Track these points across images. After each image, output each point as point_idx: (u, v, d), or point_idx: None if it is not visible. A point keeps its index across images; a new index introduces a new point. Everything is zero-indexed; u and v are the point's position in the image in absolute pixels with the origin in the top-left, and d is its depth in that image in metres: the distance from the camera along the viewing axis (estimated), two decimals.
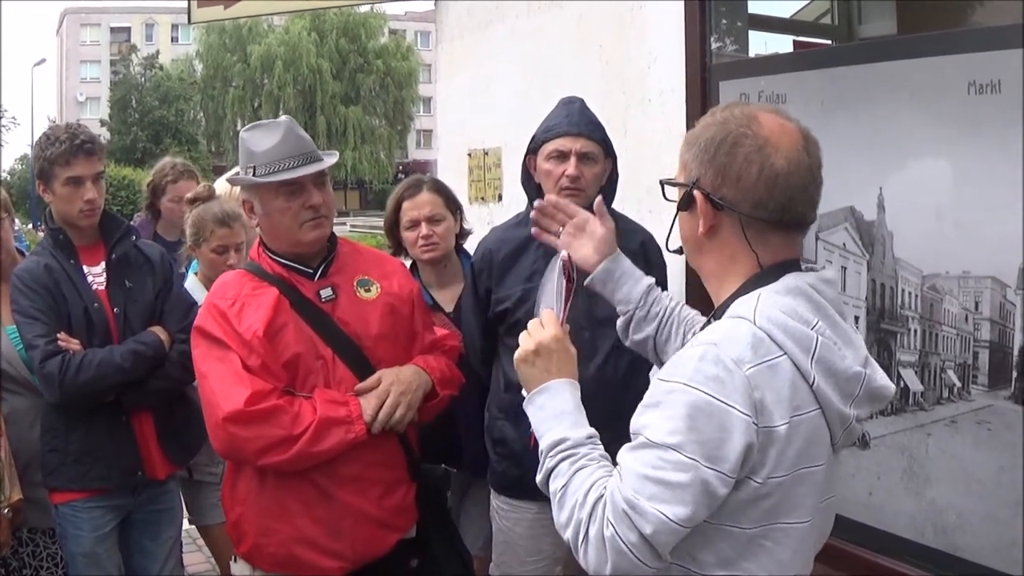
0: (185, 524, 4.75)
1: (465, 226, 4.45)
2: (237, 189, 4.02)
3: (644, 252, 3.93)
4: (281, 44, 63.34)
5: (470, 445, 4.22)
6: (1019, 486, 3.19)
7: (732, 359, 1.96)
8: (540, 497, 3.85)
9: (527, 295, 3.82)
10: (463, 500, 4.47)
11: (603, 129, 3.89)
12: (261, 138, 3.44)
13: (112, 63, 71.96)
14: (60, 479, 4.00)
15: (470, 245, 4.51)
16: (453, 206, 4.37)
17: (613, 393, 3.73)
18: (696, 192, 2.17)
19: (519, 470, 3.87)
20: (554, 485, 2.21)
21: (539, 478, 2.30)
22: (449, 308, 4.31)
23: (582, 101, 3.94)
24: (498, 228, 4.13)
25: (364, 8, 61.33)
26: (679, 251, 2.36)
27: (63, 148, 3.93)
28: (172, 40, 77.31)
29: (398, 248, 4.41)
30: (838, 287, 2.19)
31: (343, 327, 3.45)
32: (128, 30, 78.38)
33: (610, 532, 2.01)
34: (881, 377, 2.19)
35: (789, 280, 2.10)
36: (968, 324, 3.35)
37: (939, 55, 3.40)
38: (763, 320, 2.01)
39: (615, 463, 2.13)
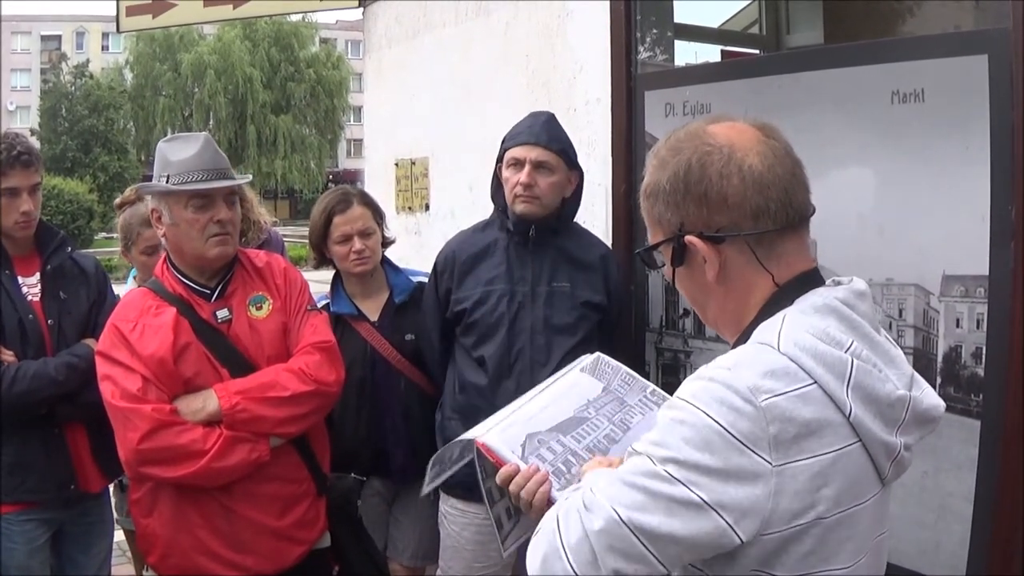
0: (117, 536, 4.70)
1: (387, 235, 4.43)
2: None
3: (604, 266, 4.00)
4: (213, 53, 62.57)
5: (397, 454, 4.23)
6: (942, 491, 3.22)
7: (747, 387, 1.68)
8: None
9: (485, 297, 3.90)
10: (392, 509, 4.43)
11: (564, 142, 3.92)
12: (178, 149, 3.54)
13: (43, 71, 70.95)
14: None
15: (393, 254, 4.56)
16: (379, 218, 4.38)
17: None
18: (689, 239, 1.87)
19: (472, 471, 3.87)
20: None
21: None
22: (374, 318, 4.31)
23: (550, 114, 3.99)
24: (464, 232, 4.19)
25: (296, 17, 61.01)
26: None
27: None
28: (103, 48, 76.07)
29: (321, 261, 4.40)
30: (871, 300, 1.92)
31: (238, 347, 3.55)
32: (59, 38, 77.23)
33: (550, 528, 1.80)
34: (929, 397, 1.93)
35: (816, 297, 1.83)
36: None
37: (863, 64, 3.43)
38: (789, 345, 1.74)
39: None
